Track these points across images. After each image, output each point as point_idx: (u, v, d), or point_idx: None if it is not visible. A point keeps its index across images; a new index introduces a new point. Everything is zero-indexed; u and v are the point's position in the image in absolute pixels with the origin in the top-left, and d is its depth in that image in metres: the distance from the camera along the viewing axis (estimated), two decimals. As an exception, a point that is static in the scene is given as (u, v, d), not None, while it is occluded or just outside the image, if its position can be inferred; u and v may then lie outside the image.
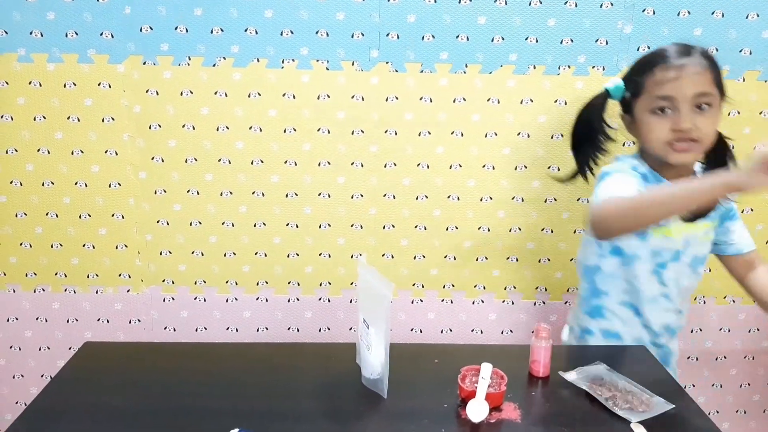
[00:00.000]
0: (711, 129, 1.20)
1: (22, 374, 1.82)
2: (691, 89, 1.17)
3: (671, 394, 1.05)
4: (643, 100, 1.23)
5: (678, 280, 1.34)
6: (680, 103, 1.18)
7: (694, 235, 1.32)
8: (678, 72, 1.18)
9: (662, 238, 1.29)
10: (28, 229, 1.69)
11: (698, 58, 1.20)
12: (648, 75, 1.22)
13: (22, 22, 1.53)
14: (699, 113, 1.19)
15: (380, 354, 1.01)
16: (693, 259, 1.34)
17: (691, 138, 1.18)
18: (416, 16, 1.54)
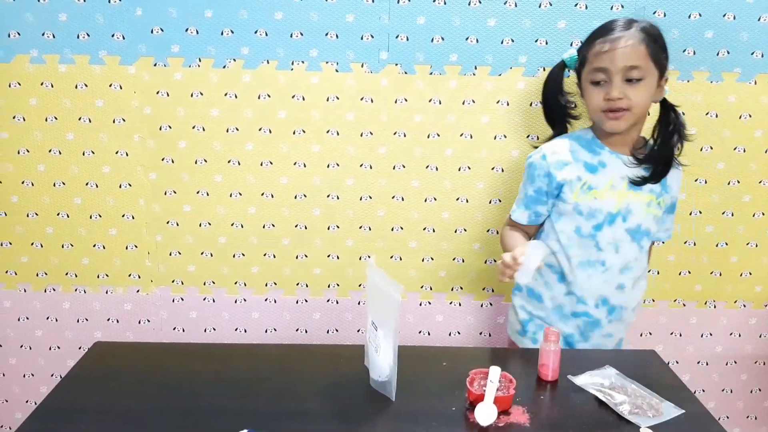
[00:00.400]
0: (641, 98, 1.28)
1: (32, 373, 1.83)
2: (621, 62, 1.25)
3: (681, 398, 1.04)
4: (585, 71, 1.33)
5: (617, 246, 1.35)
6: (612, 75, 1.27)
7: (637, 203, 1.35)
8: (612, 45, 1.26)
9: (591, 200, 1.34)
10: (40, 229, 1.71)
11: (634, 32, 1.27)
12: (590, 48, 1.31)
13: (35, 24, 1.54)
14: (630, 84, 1.27)
15: (389, 356, 1.01)
16: (634, 229, 1.36)
17: (621, 107, 1.27)
18: (426, 18, 1.54)
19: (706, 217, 1.71)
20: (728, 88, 1.60)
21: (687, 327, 1.82)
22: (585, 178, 1.35)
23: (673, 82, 1.59)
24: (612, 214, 1.34)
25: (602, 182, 1.34)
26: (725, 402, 1.89)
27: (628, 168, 1.35)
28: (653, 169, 1.35)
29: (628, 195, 1.35)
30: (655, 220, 1.39)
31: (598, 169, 1.35)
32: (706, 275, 1.77)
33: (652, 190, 1.36)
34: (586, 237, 1.36)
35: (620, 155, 1.36)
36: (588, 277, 1.37)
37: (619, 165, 1.35)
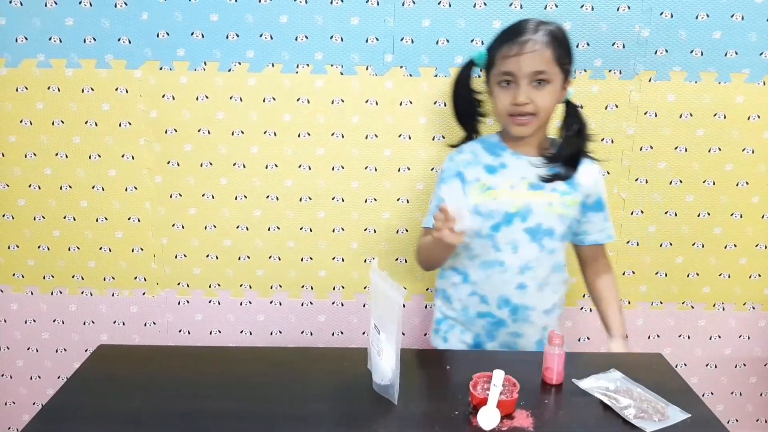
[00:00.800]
0: (547, 103, 1.26)
1: (39, 375, 1.84)
2: (529, 67, 1.23)
3: (688, 402, 1.03)
4: (493, 73, 1.30)
5: (515, 247, 1.33)
6: (519, 79, 1.25)
7: (537, 203, 1.32)
8: (519, 49, 1.24)
9: (490, 200, 1.32)
10: (46, 232, 1.72)
11: (541, 36, 1.24)
12: (497, 50, 1.28)
13: (42, 29, 1.55)
14: (536, 89, 1.25)
15: (391, 360, 1.01)
16: (534, 228, 1.32)
17: (527, 112, 1.26)
18: (431, 21, 1.54)
19: (714, 219, 1.70)
20: (736, 89, 1.59)
21: (695, 329, 1.80)
22: (484, 179, 1.34)
23: (681, 82, 1.58)
24: (510, 214, 1.32)
25: (501, 183, 1.33)
26: (734, 405, 1.87)
27: (532, 168, 1.33)
28: (561, 167, 1.33)
29: (528, 195, 1.32)
30: (563, 220, 1.34)
31: (497, 170, 1.34)
32: (715, 277, 1.75)
33: (555, 189, 1.33)
34: (485, 237, 1.34)
35: (523, 156, 1.34)
36: (488, 277, 1.35)
37: (522, 166, 1.34)
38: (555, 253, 1.36)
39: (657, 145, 1.64)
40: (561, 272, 1.40)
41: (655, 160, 1.65)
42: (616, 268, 1.73)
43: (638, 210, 1.69)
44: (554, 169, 1.33)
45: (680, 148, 1.64)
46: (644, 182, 1.67)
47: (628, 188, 1.67)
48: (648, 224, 1.70)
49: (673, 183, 1.67)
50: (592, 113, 1.61)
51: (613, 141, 1.63)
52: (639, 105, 1.60)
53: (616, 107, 1.61)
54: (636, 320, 1.79)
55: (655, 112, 1.61)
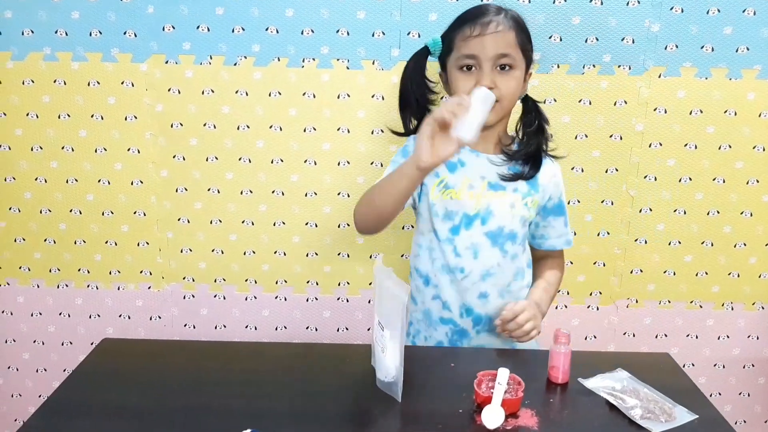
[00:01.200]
0: (512, 89, 1.19)
1: (45, 368, 1.85)
2: (493, 49, 1.16)
3: (695, 403, 1.02)
4: (452, 57, 1.22)
5: (476, 252, 1.25)
6: (482, 62, 1.17)
7: (498, 204, 1.25)
8: (482, 29, 1.16)
9: (448, 200, 1.25)
10: (52, 226, 1.72)
11: (504, 19, 1.18)
12: (457, 32, 1.20)
13: (48, 22, 1.55)
14: (500, 73, 1.18)
15: (395, 357, 1.00)
16: (495, 232, 1.25)
17: None
18: (438, 15, 1.53)
19: (724, 218, 1.68)
20: (748, 86, 1.57)
21: (704, 329, 1.78)
22: (443, 176, 1.25)
23: (691, 78, 1.56)
24: (469, 216, 1.24)
25: (459, 182, 1.25)
26: (742, 405, 1.86)
27: (490, 167, 1.26)
28: (523, 166, 1.26)
29: (488, 195, 1.25)
30: (524, 222, 1.27)
31: (456, 167, 1.26)
32: (724, 276, 1.73)
33: (516, 189, 1.26)
34: (444, 241, 1.26)
35: (481, 154, 1.26)
36: (449, 282, 1.27)
37: (480, 164, 1.26)
38: (517, 258, 1.29)
39: (666, 141, 1.62)
40: (523, 278, 1.32)
41: (664, 157, 1.63)
42: (623, 266, 1.72)
43: (647, 208, 1.67)
44: (515, 167, 1.26)
45: (690, 145, 1.62)
46: (653, 179, 1.65)
47: (636, 185, 1.65)
48: (657, 222, 1.69)
49: (682, 180, 1.65)
50: (602, 109, 1.59)
51: (621, 137, 1.62)
52: (648, 101, 1.58)
53: (625, 103, 1.59)
54: (644, 319, 1.77)
55: (664, 109, 1.59)
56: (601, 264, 1.73)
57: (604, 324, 1.78)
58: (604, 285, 1.75)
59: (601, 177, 1.65)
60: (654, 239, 1.70)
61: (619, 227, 1.69)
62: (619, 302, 1.76)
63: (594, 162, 1.63)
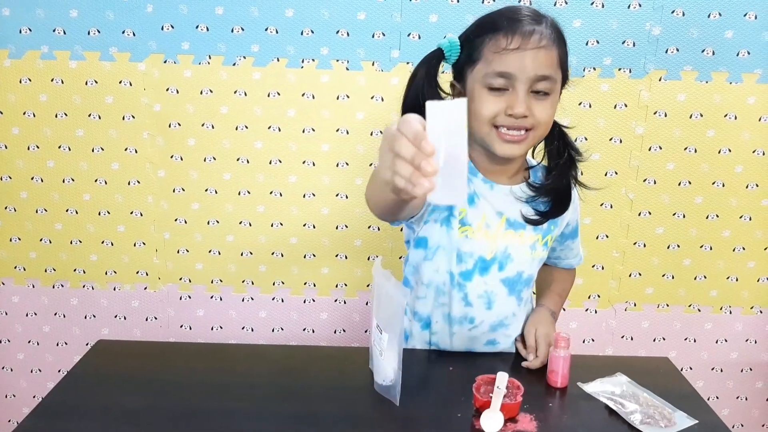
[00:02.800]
0: (547, 117, 0.99)
1: (39, 369, 1.84)
2: (534, 68, 0.94)
3: (695, 408, 1.01)
4: (479, 70, 0.98)
5: (490, 301, 1.10)
6: (518, 83, 0.95)
7: (517, 246, 1.08)
8: (523, 42, 0.94)
9: (463, 239, 1.05)
10: (48, 225, 1.71)
11: (547, 30, 0.96)
12: (489, 40, 0.96)
13: (46, 20, 1.54)
14: (536, 97, 0.97)
15: (393, 360, 0.99)
16: (514, 278, 1.10)
17: (524, 126, 0.97)
18: (438, 16, 1.52)
19: (723, 222, 1.68)
20: (748, 90, 1.57)
21: (701, 333, 1.78)
22: (463, 208, 1.05)
23: (692, 82, 1.56)
24: (485, 261, 1.07)
25: (476, 218, 1.05)
26: (740, 410, 1.85)
27: (509, 201, 1.07)
28: (552, 202, 1.08)
29: (507, 236, 1.07)
30: (539, 263, 1.14)
31: (474, 200, 1.06)
32: (723, 280, 1.73)
33: (537, 228, 1.09)
34: (454, 286, 1.09)
35: (497, 185, 1.07)
36: (453, 333, 1.13)
37: (496, 197, 1.07)
38: (529, 302, 1.18)
39: (666, 145, 1.62)
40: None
41: (664, 160, 1.63)
42: (622, 269, 1.72)
43: (646, 211, 1.67)
44: (538, 205, 1.08)
45: (690, 148, 1.62)
46: (653, 183, 1.65)
47: (636, 189, 1.65)
48: (656, 226, 1.68)
49: (681, 184, 1.65)
50: (602, 112, 1.59)
51: (621, 141, 1.61)
52: (649, 104, 1.58)
53: (625, 106, 1.58)
54: (642, 323, 1.77)
55: (665, 112, 1.59)
56: (599, 267, 1.72)
57: (603, 327, 1.78)
58: (603, 288, 1.74)
59: (600, 180, 1.64)
60: (653, 243, 1.70)
61: (618, 230, 1.69)
62: (617, 306, 1.76)
63: (594, 165, 1.62)
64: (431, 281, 1.12)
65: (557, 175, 1.08)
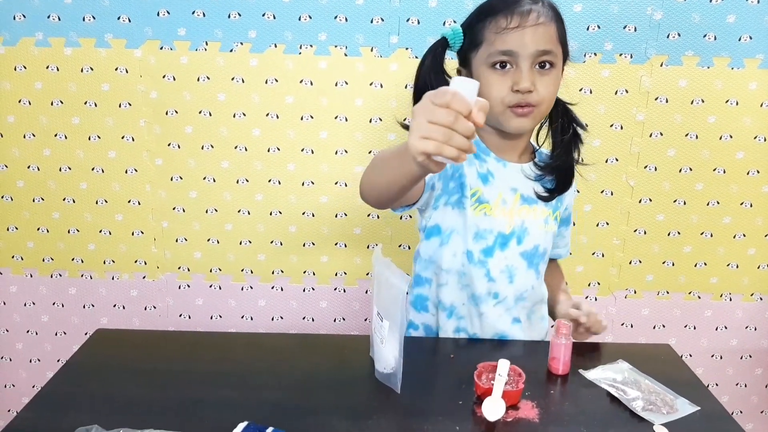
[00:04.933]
0: (551, 92, 1.04)
1: (38, 359, 1.83)
2: (534, 44, 0.99)
3: (696, 395, 1.01)
4: (482, 52, 1.03)
5: (512, 275, 1.14)
6: (521, 59, 1.00)
7: (532, 221, 1.13)
8: (522, 21, 0.99)
9: (482, 216, 1.10)
10: (46, 215, 1.69)
11: (544, 9, 1.02)
12: (489, 22, 1.02)
13: (40, 6, 1.52)
14: (539, 72, 1.02)
15: (394, 348, 0.99)
16: (531, 252, 1.14)
17: (529, 102, 1.02)
18: (437, 1, 1.50)
19: (724, 209, 1.67)
20: (750, 75, 1.55)
21: (701, 320, 1.78)
22: (476, 187, 1.09)
23: (693, 68, 1.55)
24: (505, 236, 1.11)
25: (493, 195, 1.10)
26: (739, 396, 1.86)
27: (521, 178, 1.12)
28: (557, 180, 1.13)
29: (522, 211, 1.12)
30: (552, 238, 1.18)
31: (488, 179, 1.10)
32: (723, 267, 1.73)
33: (548, 204, 1.15)
34: (476, 263, 1.12)
35: (510, 163, 1.12)
36: (480, 315, 1.15)
37: (509, 175, 1.11)
38: (542, 277, 1.20)
39: (667, 131, 1.60)
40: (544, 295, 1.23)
41: (664, 147, 1.62)
42: (622, 256, 1.71)
43: (647, 198, 1.66)
44: (546, 182, 1.14)
45: (691, 135, 1.61)
46: (653, 170, 1.64)
47: (636, 175, 1.64)
48: (656, 212, 1.68)
49: (682, 171, 1.64)
50: (602, 98, 1.58)
51: (622, 127, 1.60)
52: (650, 90, 1.57)
53: (626, 92, 1.57)
54: (642, 310, 1.77)
55: (666, 98, 1.58)
56: (599, 254, 1.72)
57: (603, 314, 1.77)
58: (603, 275, 1.74)
59: (600, 167, 1.63)
60: (653, 230, 1.69)
61: (619, 217, 1.68)
62: (617, 293, 1.75)
63: (594, 151, 1.61)
64: (451, 266, 1.14)
65: (563, 151, 1.13)
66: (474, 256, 1.12)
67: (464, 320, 1.18)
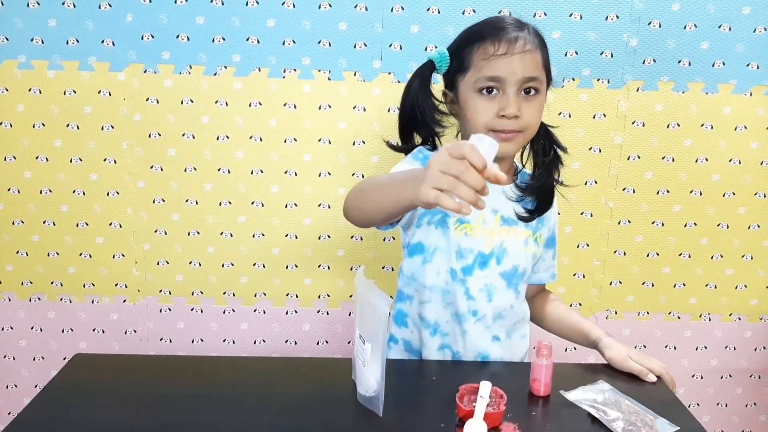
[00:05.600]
0: (536, 118, 1.08)
1: (15, 384, 1.80)
2: (522, 71, 1.03)
3: (676, 414, 1.02)
4: (469, 77, 1.07)
5: (490, 294, 1.16)
6: (508, 85, 1.04)
7: (512, 241, 1.16)
8: (509, 48, 1.03)
9: (463, 236, 1.13)
10: (25, 237, 1.68)
11: (530, 36, 1.06)
12: (477, 48, 1.06)
13: (24, 29, 1.52)
14: (525, 98, 1.06)
15: (376, 371, 0.99)
16: (510, 272, 1.16)
17: (514, 129, 1.06)
18: (419, 27, 1.53)
19: (701, 230, 1.70)
20: (724, 100, 1.59)
21: (681, 340, 1.80)
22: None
23: (669, 92, 1.58)
24: (484, 255, 1.14)
25: (474, 216, 1.13)
26: (720, 416, 1.87)
27: (502, 200, 1.16)
28: (537, 201, 1.16)
29: (502, 232, 1.15)
30: (533, 259, 1.21)
31: None
32: (702, 288, 1.75)
33: (528, 225, 1.17)
34: (457, 282, 1.15)
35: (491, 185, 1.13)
36: (463, 333, 1.18)
37: (491, 196, 1.07)
38: (522, 296, 1.23)
39: (644, 154, 1.64)
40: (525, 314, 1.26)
41: (642, 169, 1.65)
42: (603, 277, 1.73)
43: (625, 220, 1.69)
44: (528, 203, 1.17)
45: (667, 157, 1.64)
46: (632, 192, 1.66)
47: (615, 198, 1.67)
48: (635, 234, 1.70)
49: (660, 193, 1.67)
50: (581, 122, 1.61)
51: (600, 150, 1.63)
52: (627, 114, 1.60)
53: (604, 116, 1.60)
54: (623, 330, 1.78)
55: (642, 122, 1.61)
56: (580, 275, 1.73)
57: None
58: (584, 296, 1.75)
59: (580, 189, 1.66)
60: (632, 251, 1.72)
61: (599, 239, 1.70)
62: (598, 313, 1.77)
63: (573, 174, 1.64)
64: (435, 284, 1.17)
65: (543, 173, 1.17)
66: (456, 275, 1.15)
67: (448, 337, 1.20)
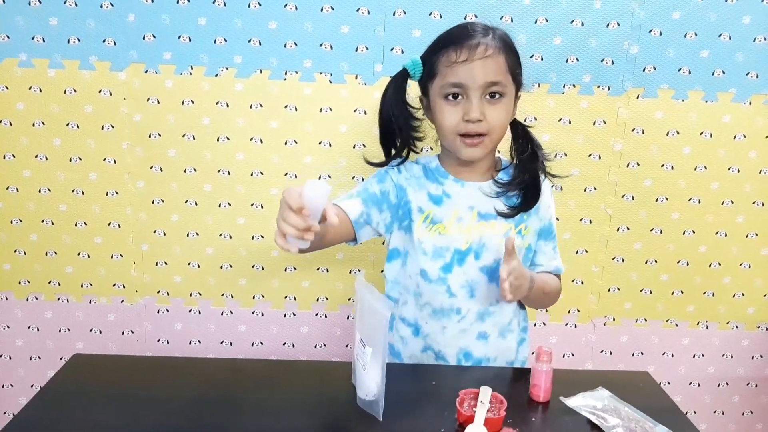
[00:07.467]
0: (501, 120, 1.10)
1: (11, 384, 1.79)
2: (482, 76, 1.06)
3: (675, 422, 1.02)
4: (436, 84, 1.11)
5: (472, 290, 1.17)
6: (470, 91, 1.07)
7: (491, 236, 1.16)
8: (470, 54, 1.05)
9: (436, 236, 1.16)
10: (23, 236, 1.67)
11: (493, 41, 1.07)
12: (441, 56, 1.09)
13: (25, 27, 1.52)
14: (489, 102, 1.08)
15: (376, 375, 0.98)
16: (491, 267, 1.16)
17: (479, 132, 1.09)
18: (421, 31, 1.53)
19: (699, 238, 1.70)
20: (723, 108, 1.60)
21: (679, 347, 1.80)
22: (428, 210, 1.16)
23: (669, 100, 1.59)
24: (461, 252, 1.16)
25: (447, 215, 1.16)
26: (717, 424, 1.87)
27: (479, 196, 1.17)
28: (522, 196, 1.18)
29: (479, 227, 1.16)
30: (520, 251, 1.19)
31: (442, 200, 1.17)
32: (699, 295, 1.75)
33: (508, 219, 1.17)
34: (436, 281, 1.17)
35: (468, 183, 1.18)
36: (443, 328, 1.19)
37: (467, 194, 1.17)
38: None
39: (644, 162, 1.64)
40: (526, 313, 1.27)
41: (641, 177, 1.65)
42: (601, 284, 1.73)
43: (624, 226, 1.69)
44: (511, 199, 1.18)
45: (667, 165, 1.64)
46: (631, 199, 1.67)
47: (614, 205, 1.67)
48: (634, 241, 1.70)
49: (659, 200, 1.67)
50: (581, 128, 1.61)
51: (600, 157, 1.63)
52: (627, 121, 1.61)
53: (604, 123, 1.61)
54: (621, 337, 1.78)
55: (642, 129, 1.61)
56: (579, 282, 1.73)
57: (582, 342, 1.79)
58: (582, 303, 1.76)
59: (579, 195, 1.66)
60: (631, 258, 1.72)
61: (597, 246, 1.70)
62: (596, 320, 1.77)
63: (573, 180, 1.64)
64: (408, 285, 1.22)
65: (521, 170, 1.19)
66: (433, 273, 1.17)
67: (429, 338, 1.21)
